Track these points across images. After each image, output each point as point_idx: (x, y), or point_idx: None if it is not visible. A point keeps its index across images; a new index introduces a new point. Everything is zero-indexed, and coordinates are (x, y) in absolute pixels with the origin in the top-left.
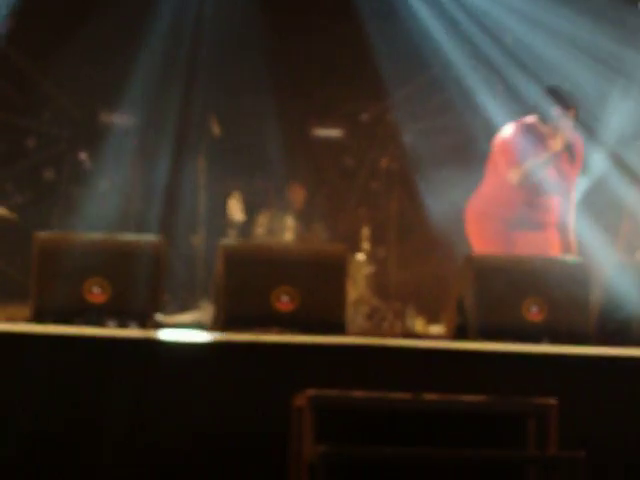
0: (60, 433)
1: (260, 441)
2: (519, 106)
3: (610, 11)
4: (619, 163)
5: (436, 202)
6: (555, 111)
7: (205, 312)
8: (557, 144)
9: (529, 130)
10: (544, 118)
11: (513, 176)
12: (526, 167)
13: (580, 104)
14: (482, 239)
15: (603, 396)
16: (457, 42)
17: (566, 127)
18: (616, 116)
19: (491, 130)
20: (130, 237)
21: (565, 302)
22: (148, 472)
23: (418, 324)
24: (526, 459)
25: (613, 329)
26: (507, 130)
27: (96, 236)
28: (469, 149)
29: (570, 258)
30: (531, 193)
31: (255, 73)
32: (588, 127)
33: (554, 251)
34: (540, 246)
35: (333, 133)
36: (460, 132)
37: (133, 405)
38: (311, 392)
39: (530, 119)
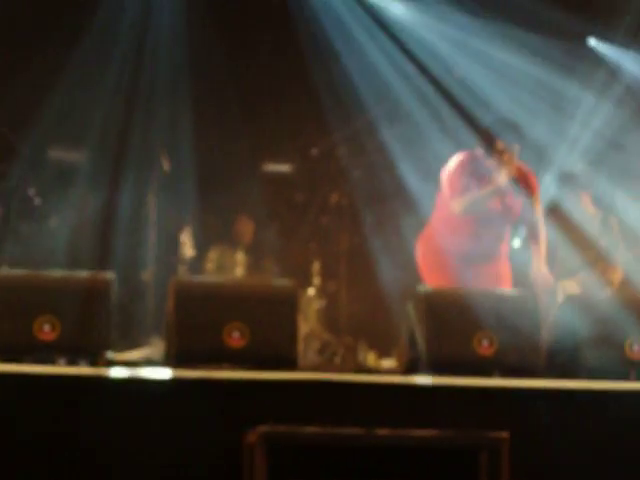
0: (6, 471)
1: (213, 478)
2: (467, 139)
3: (559, 48)
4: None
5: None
6: (500, 145)
7: (156, 348)
8: (502, 178)
9: (475, 162)
10: (489, 151)
11: (456, 206)
12: (469, 198)
13: (525, 137)
14: (433, 272)
15: (554, 428)
16: (405, 78)
17: (511, 161)
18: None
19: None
20: (81, 274)
21: (515, 335)
22: None
23: (370, 358)
24: None
25: (563, 362)
26: (453, 161)
27: (46, 274)
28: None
29: (520, 291)
30: (479, 225)
31: (205, 108)
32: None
33: (505, 283)
34: (491, 279)
35: (283, 168)
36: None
37: (83, 443)
38: (263, 428)
39: (477, 151)
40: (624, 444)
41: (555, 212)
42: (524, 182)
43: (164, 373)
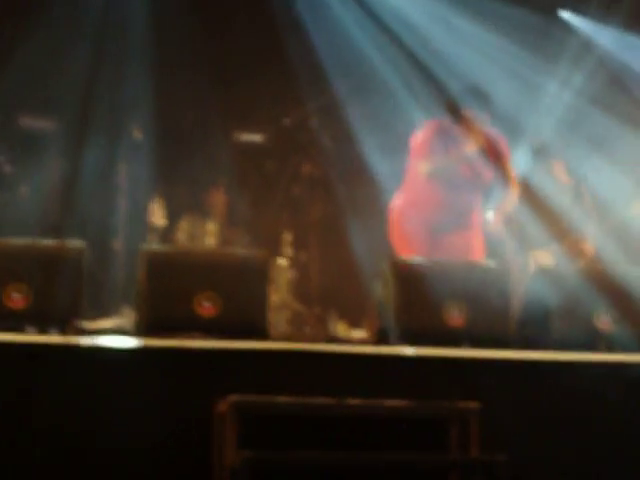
0: None
1: (183, 447)
2: (438, 109)
3: (530, 19)
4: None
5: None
6: (469, 112)
7: (126, 318)
8: (470, 146)
9: (443, 129)
10: (457, 120)
11: (423, 167)
12: (436, 161)
13: (494, 105)
14: (404, 242)
15: (523, 399)
16: (378, 48)
17: (480, 128)
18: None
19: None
20: (51, 243)
21: (485, 306)
22: (66, 476)
23: (340, 329)
24: (448, 463)
25: (532, 333)
26: (422, 128)
27: (16, 242)
28: (392, 155)
29: (490, 263)
30: (448, 192)
31: (177, 77)
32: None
33: (477, 253)
34: (462, 249)
35: (255, 138)
36: (382, 137)
37: (54, 411)
38: (234, 398)
39: (446, 120)
40: (592, 414)
41: (526, 183)
42: (494, 148)
43: (134, 342)
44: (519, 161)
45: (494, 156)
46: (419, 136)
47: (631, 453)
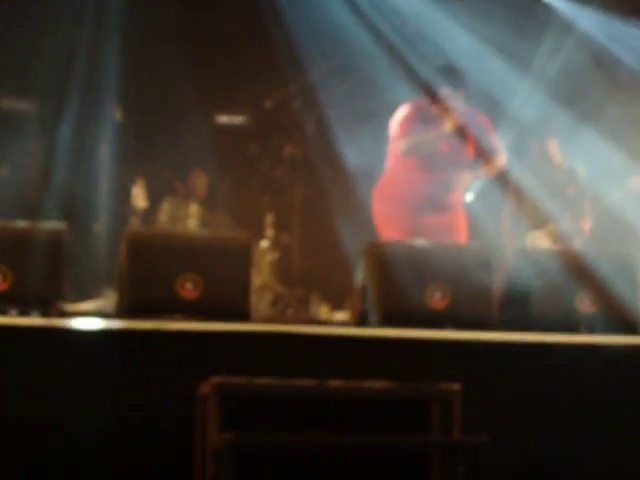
0: None
1: (165, 429)
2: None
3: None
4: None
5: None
6: (444, 91)
7: (108, 300)
8: (446, 124)
9: (421, 109)
10: (434, 99)
11: (401, 145)
12: (414, 139)
13: (469, 81)
14: (387, 223)
15: (506, 381)
16: (360, 29)
17: (456, 107)
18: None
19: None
20: (32, 224)
21: (468, 288)
22: (50, 461)
23: (322, 311)
24: (430, 444)
25: (515, 314)
26: (400, 109)
27: None
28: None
29: (473, 244)
30: (428, 171)
31: (159, 58)
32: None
33: (460, 234)
34: (444, 230)
35: (236, 120)
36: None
37: (35, 394)
38: (216, 379)
39: (423, 100)
40: (574, 395)
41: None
42: (471, 127)
43: (116, 324)
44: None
45: (471, 134)
46: (398, 117)
47: (612, 433)
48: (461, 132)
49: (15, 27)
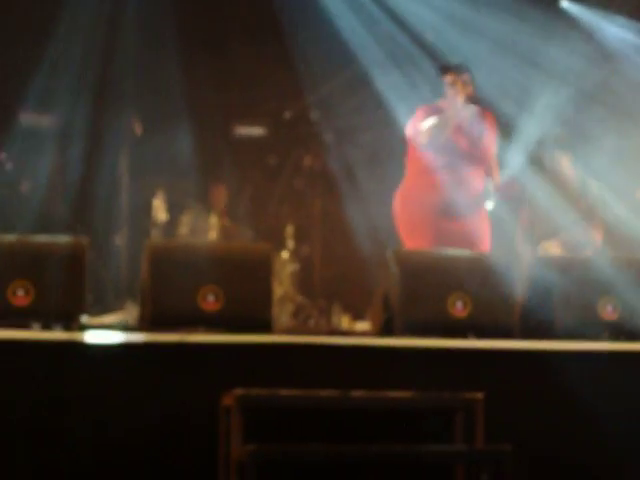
0: None
1: (189, 441)
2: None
3: (531, 9)
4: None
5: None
6: (448, 78)
7: (130, 313)
8: (458, 101)
9: (435, 108)
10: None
11: (422, 138)
12: (430, 123)
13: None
14: (409, 229)
15: (528, 389)
16: (376, 39)
17: (462, 90)
18: (537, 116)
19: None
20: (53, 238)
21: (489, 297)
22: (73, 474)
23: (344, 321)
24: (454, 453)
25: (536, 323)
26: (415, 112)
27: (19, 238)
28: (392, 146)
29: (493, 252)
30: (449, 170)
31: (177, 72)
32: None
33: (483, 239)
34: (468, 235)
35: (256, 131)
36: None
37: (57, 408)
38: (238, 391)
39: (434, 104)
40: (597, 403)
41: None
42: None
43: (139, 337)
44: (513, 160)
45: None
46: (413, 118)
47: (636, 442)
48: (476, 126)
49: (30, 41)
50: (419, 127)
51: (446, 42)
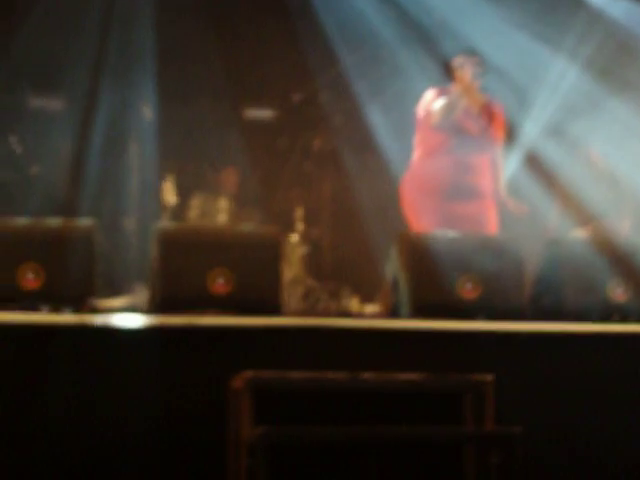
0: None
1: (198, 424)
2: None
3: None
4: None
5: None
6: (458, 60)
7: (140, 296)
8: (466, 77)
9: (445, 91)
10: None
11: (433, 119)
12: (438, 104)
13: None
14: (417, 212)
15: (538, 371)
16: (387, 21)
17: (471, 71)
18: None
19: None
20: (63, 222)
21: (499, 279)
22: (85, 458)
23: (353, 304)
24: (463, 436)
25: (547, 304)
26: (425, 95)
27: (28, 221)
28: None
29: (503, 234)
30: (457, 154)
31: (186, 55)
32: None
33: (491, 221)
34: (476, 217)
35: (265, 114)
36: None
37: (69, 391)
38: (248, 374)
39: (444, 87)
40: (608, 385)
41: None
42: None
43: (148, 320)
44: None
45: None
46: (424, 100)
47: None
48: (487, 111)
49: (42, 25)
50: (430, 108)
51: (458, 18)
